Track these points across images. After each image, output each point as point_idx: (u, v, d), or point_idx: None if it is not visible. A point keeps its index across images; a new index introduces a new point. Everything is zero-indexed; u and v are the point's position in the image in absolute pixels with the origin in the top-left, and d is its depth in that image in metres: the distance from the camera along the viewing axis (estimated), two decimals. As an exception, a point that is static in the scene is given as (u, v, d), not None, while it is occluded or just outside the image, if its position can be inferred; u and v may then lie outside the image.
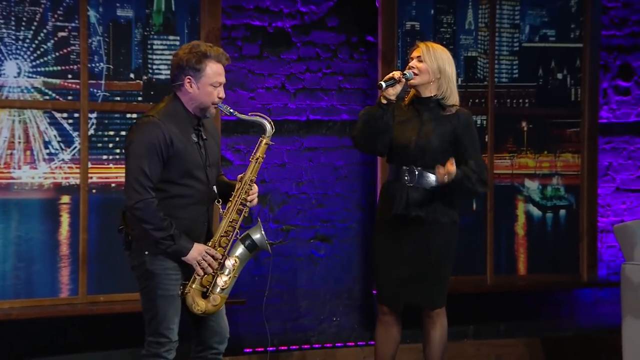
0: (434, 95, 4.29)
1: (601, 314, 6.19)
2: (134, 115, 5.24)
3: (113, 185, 5.21)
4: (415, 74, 4.28)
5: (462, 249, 5.83)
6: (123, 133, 5.20)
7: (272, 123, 3.78)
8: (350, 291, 5.81)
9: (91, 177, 5.17)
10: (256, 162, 3.78)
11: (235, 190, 3.76)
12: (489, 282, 5.94)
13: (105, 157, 5.21)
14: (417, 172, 4.26)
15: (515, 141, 6.04)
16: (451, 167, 4.14)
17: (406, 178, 4.25)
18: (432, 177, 4.26)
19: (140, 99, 5.27)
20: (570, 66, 6.12)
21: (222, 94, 3.71)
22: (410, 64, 4.32)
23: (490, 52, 5.96)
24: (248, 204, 3.76)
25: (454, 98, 4.32)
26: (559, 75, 6.10)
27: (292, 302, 5.70)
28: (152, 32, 5.30)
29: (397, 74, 4.22)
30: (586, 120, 6.10)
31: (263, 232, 3.75)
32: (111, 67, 5.22)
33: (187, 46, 3.72)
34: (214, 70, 3.68)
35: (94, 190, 5.18)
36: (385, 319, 4.41)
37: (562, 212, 6.10)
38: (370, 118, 4.24)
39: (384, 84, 4.19)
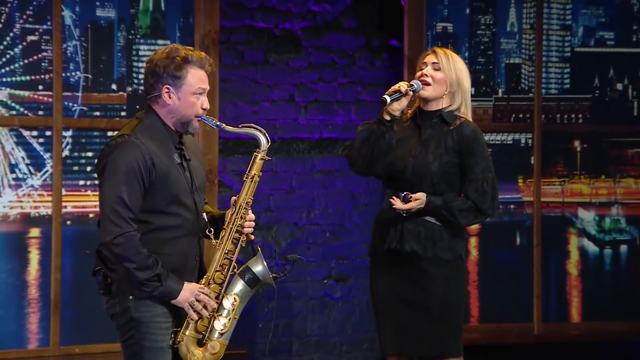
0: (442, 109, 4.26)
1: (671, 370, 6.15)
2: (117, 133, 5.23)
3: (91, 215, 5.20)
4: (427, 84, 4.24)
5: (503, 292, 5.85)
6: (103, 154, 5.22)
7: (267, 135, 3.72)
8: (371, 341, 5.76)
9: (65, 207, 5.16)
10: (251, 181, 3.73)
11: (229, 216, 3.71)
12: (536, 331, 5.92)
13: (82, 182, 5.20)
14: None
15: (566, 163, 6.04)
16: (407, 204, 4.12)
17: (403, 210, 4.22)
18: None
19: (123, 113, 5.28)
20: (632, 75, 6.11)
21: (206, 104, 3.67)
22: (423, 72, 4.27)
23: (536, 59, 5.95)
24: (244, 235, 3.70)
25: (468, 115, 4.26)
26: (619, 86, 6.10)
27: (302, 353, 5.65)
28: (138, 36, 5.31)
29: (403, 85, 4.19)
30: (651, 139, 6.13)
31: (265, 263, 3.71)
32: (89, 76, 5.23)
33: (163, 50, 3.66)
34: (197, 77, 3.63)
35: (68, 222, 5.17)
36: None
37: (623, 247, 6.09)
38: (370, 136, 4.20)
39: (388, 98, 4.14)
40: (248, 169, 3.74)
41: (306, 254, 5.64)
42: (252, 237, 3.75)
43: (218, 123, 3.70)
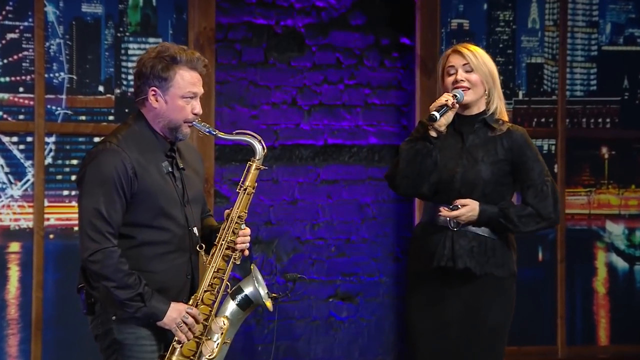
0: (482, 112, 4.26)
1: None
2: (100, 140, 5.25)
3: (76, 229, 5.14)
4: (467, 88, 4.24)
5: (525, 312, 5.85)
6: (89, 162, 5.24)
7: (263, 142, 3.74)
8: (381, 365, 5.73)
9: (48, 219, 5.17)
10: (245, 192, 3.73)
11: (220, 230, 3.71)
12: (560, 355, 5.93)
13: (66, 192, 5.21)
14: None
15: (593, 172, 6.04)
16: (456, 211, 4.12)
17: (451, 221, 4.20)
18: None
19: (111, 118, 5.29)
20: (664, 76, 6.17)
21: (198, 109, 3.68)
22: (457, 78, 4.26)
23: (560, 58, 5.96)
24: (237, 252, 3.71)
25: (503, 112, 4.30)
26: (650, 88, 6.16)
27: (306, 378, 5.67)
28: (127, 33, 5.33)
29: (449, 98, 4.18)
30: (685, 146, 6.14)
31: (258, 283, 3.70)
32: (74, 77, 5.24)
33: (153, 50, 3.68)
34: (186, 79, 3.64)
35: (51, 236, 5.18)
36: None
37: (656, 264, 6.14)
38: (416, 155, 4.19)
39: (437, 115, 4.15)
40: (242, 179, 3.74)
41: (310, 270, 5.62)
42: (247, 253, 3.74)
43: (210, 129, 3.70)
